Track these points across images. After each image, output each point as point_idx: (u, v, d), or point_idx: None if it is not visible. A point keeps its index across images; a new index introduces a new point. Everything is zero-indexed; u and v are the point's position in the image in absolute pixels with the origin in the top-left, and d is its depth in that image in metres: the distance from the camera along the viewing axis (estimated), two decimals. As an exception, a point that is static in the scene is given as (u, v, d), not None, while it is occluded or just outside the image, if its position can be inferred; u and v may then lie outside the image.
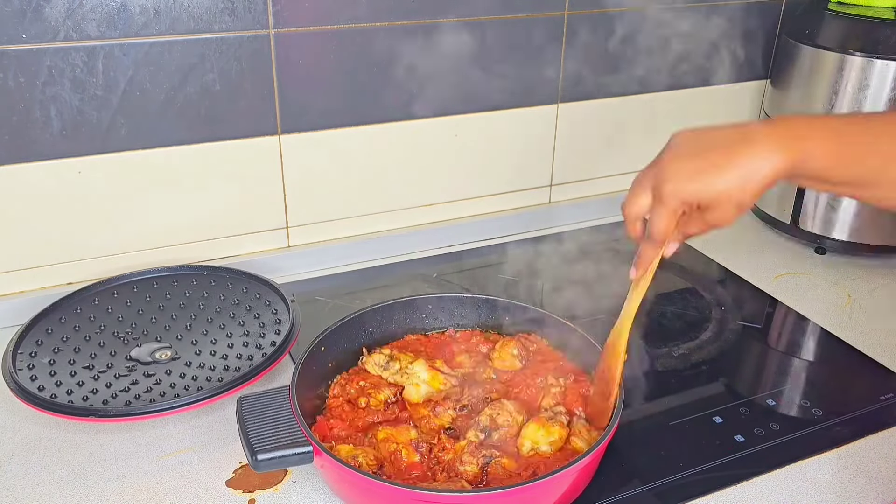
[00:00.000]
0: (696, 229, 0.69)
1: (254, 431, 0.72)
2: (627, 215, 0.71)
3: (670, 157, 0.68)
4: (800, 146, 0.63)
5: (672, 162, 0.67)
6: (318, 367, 0.86)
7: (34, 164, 0.99)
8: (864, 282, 1.18)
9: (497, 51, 1.18)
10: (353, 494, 0.73)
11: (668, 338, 1.03)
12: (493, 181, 1.30)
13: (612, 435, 0.73)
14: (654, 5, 1.26)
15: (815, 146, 0.63)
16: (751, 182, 0.63)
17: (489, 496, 0.68)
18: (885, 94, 1.14)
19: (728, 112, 1.45)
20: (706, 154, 0.65)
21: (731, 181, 0.63)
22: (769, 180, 0.64)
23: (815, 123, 0.65)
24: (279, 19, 1.04)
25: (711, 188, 0.64)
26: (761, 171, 0.63)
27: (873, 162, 0.64)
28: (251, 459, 0.70)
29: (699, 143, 0.67)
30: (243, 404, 0.75)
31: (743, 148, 0.64)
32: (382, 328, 0.94)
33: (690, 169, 0.65)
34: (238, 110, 1.06)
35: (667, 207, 0.67)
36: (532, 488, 0.67)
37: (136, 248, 1.09)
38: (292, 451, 0.70)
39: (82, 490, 0.77)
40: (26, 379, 0.85)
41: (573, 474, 0.70)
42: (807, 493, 0.78)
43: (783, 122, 0.66)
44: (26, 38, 0.92)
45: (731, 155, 0.64)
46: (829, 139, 0.64)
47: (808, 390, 0.94)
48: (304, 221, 1.18)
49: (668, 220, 0.68)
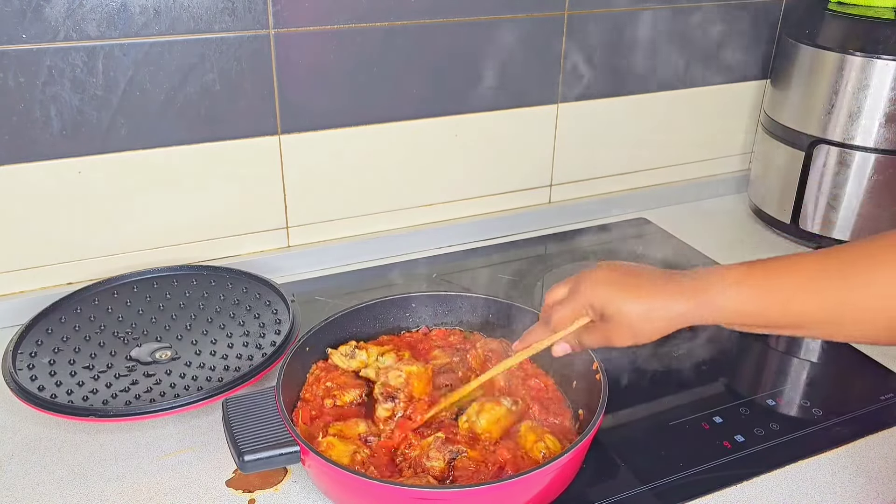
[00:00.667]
0: (592, 341, 0.73)
1: (240, 432, 0.72)
2: (546, 300, 0.77)
3: (600, 268, 0.73)
4: (710, 298, 0.66)
5: (599, 271, 0.73)
6: (304, 367, 0.86)
7: (34, 164, 0.99)
8: (864, 282, 1.18)
9: (497, 51, 1.18)
10: (341, 492, 0.73)
11: (668, 338, 1.03)
12: (493, 181, 1.30)
13: (596, 429, 0.72)
14: (654, 5, 1.27)
15: (729, 298, 0.65)
16: (652, 316, 0.68)
17: (475, 491, 0.68)
18: (885, 94, 1.14)
19: (728, 112, 1.45)
20: (629, 278, 0.70)
21: (637, 307, 0.68)
22: (671, 322, 0.68)
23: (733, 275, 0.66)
24: (279, 19, 1.04)
25: (618, 304, 0.69)
26: (664, 311, 0.67)
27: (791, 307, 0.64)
28: (238, 460, 0.70)
29: (628, 271, 0.72)
30: (229, 406, 0.75)
31: (659, 288, 0.68)
32: (367, 327, 0.94)
33: (608, 282, 0.71)
34: (238, 110, 1.06)
35: (574, 302, 0.72)
36: (511, 485, 0.68)
37: (136, 248, 1.09)
38: (279, 451, 0.71)
39: (82, 490, 0.77)
40: (26, 379, 0.85)
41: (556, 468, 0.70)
42: (807, 493, 0.78)
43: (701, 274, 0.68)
44: (26, 38, 0.92)
45: (646, 288, 0.69)
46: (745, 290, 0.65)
47: (808, 390, 0.94)
48: (304, 221, 1.18)
49: (570, 313, 0.73)
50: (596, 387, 0.79)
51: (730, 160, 1.50)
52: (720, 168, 1.50)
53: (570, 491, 0.75)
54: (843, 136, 1.19)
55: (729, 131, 1.48)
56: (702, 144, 1.46)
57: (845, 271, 0.62)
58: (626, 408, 0.89)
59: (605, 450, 0.82)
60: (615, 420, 0.87)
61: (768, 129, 1.33)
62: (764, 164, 1.35)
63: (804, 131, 1.24)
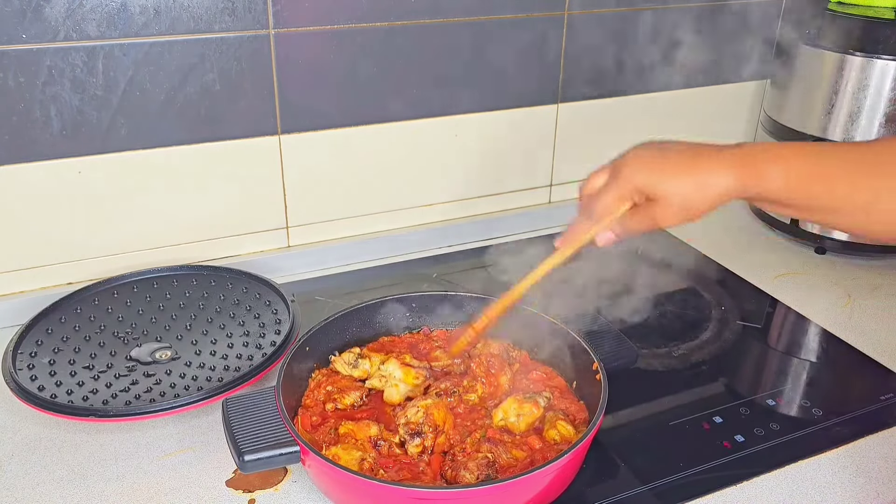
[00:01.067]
0: (638, 225, 0.71)
1: (240, 432, 0.72)
2: (582, 191, 0.76)
3: (635, 150, 0.72)
4: (755, 171, 0.66)
5: (636, 154, 0.71)
6: (303, 368, 0.86)
7: (34, 164, 0.99)
8: (864, 282, 1.18)
9: (497, 50, 1.18)
10: (340, 492, 0.73)
11: (668, 338, 1.03)
12: (493, 181, 1.30)
13: (596, 429, 0.72)
14: (654, 5, 1.27)
15: (772, 172, 0.66)
16: (701, 191, 0.67)
17: (475, 492, 0.68)
18: (885, 93, 1.14)
19: (728, 112, 1.45)
20: (669, 155, 0.69)
21: (684, 184, 0.67)
22: (720, 195, 0.67)
23: (774, 150, 0.67)
24: (279, 19, 1.04)
25: (664, 183, 0.68)
26: (713, 185, 0.67)
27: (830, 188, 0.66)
28: (238, 460, 0.70)
29: (666, 147, 0.71)
30: (229, 406, 0.75)
31: (702, 160, 0.68)
32: (367, 328, 0.93)
33: (651, 162, 0.70)
34: (238, 110, 1.06)
35: (618, 188, 0.71)
36: (511, 486, 0.68)
37: (136, 248, 1.09)
38: (279, 451, 0.70)
39: (82, 490, 0.77)
40: (26, 379, 0.85)
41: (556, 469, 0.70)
42: (807, 493, 0.78)
43: (744, 148, 0.68)
44: (26, 38, 0.92)
45: (691, 162, 0.68)
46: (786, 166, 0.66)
47: (808, 390, 0.94)
48: (304, 221, 1.18)
49: (614, 200, 0.71)
50: (596, 387, 0.79)
51: (730, 160, 1.50)
52: (720, 168, 1.50)
53: (571, 491, 0.75)
54: (843, 136, 1.19)
55: (729, 131, 1.48)
56: (702, 144, 1.46)
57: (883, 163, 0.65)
58: (626, 408, 0.89)
59: (605, 450, 0.82)
60: (615, 420, 0.87)
61: (768, 129, 1.33)
62: (764, 164, 1.35)
63: (804, 131, 1.24)
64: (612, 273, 0.98)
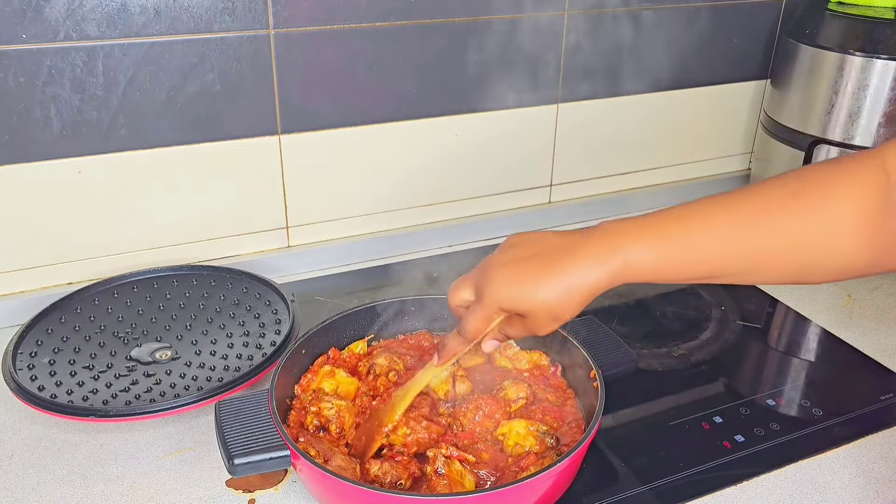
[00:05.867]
0: (516, 332, 0.69)
1: (231, 436, 0.71)
2: (451, 306, 0.72)
3: (496, 261, 0.67)
4: (619, 259, 0.63)
5: (496, 267, 0.67)
6: (298, 371, 0.85)
7: (34, 164, 0.99)
8: (864, 282, 1.18)
9: (497, 50, 1.18)
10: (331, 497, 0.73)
11: (668, 338, 1.03)
12: (493, 181, 1.30)
13: (591, 437, 0.71)
14: (654, 5, 1.27)
15: (638, 255, 0.63)
16: (566, 297, 0.63)
17: (468, 500, 0.67)
18: (885, 93, 1.14)
19: (728, 112, 1.45)
20: (529, 264, 0.65)
21: (547, 295, 0.63)
22: (585, 296, 0.63)
23: (637, 230, 0.64)
24: (279, 19, 1.04)
25: (527, 299, 0.64)
26: (577, 287, 0.63)
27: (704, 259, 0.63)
28: (227, 464, 0.69)
29: (524, 253, 0.66)
30: (221, 409, 0.74)
31: (561, 263, 0.64)
32: (363, 331, 0.93)
33: (512, 276, 0.65)
34: (238, 110, 1.06)
35: (483, 310, 0.67)
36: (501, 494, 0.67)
37: (136, 248, 1.09)
38: (269, 454, 0.70)
39: (82, 490, 0.77)
40: (26, 379, 0.85)
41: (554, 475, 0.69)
42: (806, 493, 0.78)
43: (604, 235, 0.64)
44: (26, 38, 0.92)
45: (549, 269, 0.64)
46: (653, 245, 0.63)
47: (808, 390, 0.94)
48: (304, 221, 1.18)
49: (481, 321, 0.68)
50: (593, 395, 0.78)
51: (730, 160, 1.50)
52: (720, 168, 1.50)
53: (570, 490, 0.75)
54: (843, 136, 1.19)
55: (729, 131, 1.48)
56: (702, 144, 1.46)
57: (756, 220, 0.61)
58: (625, 408, 0.89)
59: (605, 449, 0.82)
60: (615, 420, 0.87)
61: (768, 129, 1.33)
62: (764, 163, 1.35)
63: (804, 131, 1.24)
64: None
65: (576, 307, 0.64)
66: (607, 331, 0.90)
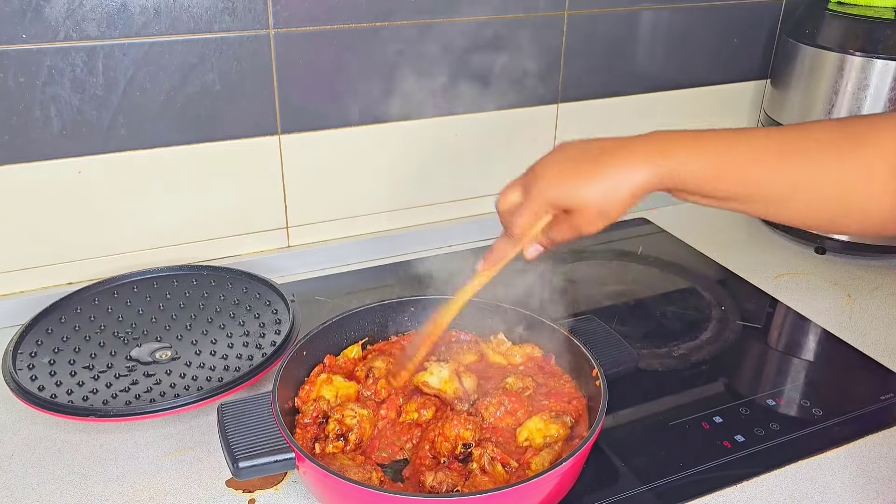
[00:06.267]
0: (562, 234, 0.70)
1: (235, 439, 0.71)
2: (498, 210, 0.74)
3: (545, 161, 0.70)
4: (668, 162, 0.64)
5: (545, 166, 0.69)
6: (300, 372, 0.85)
7: (34, 164, 0.99)
8: (864, 282, 1.18)
9: (497, 50, 1.18)
10: (334, 499, 0.73)
11: (668, 338, 1.03)
12: (493, 181, 1.29)
13: (595, 437, 0.72)
14: (654, 5, 1.27)
15: (685, 161, 0.64)
16: (615, 194, 0.65)
17: (470, 500, 0.66)
18: (884, 93, 1.14)
19: (728, 112, 1.45)
20: (578, 162, 0.67)
21: (596, 190, 0.65)
22: (634, 193, 0.65)
23: (688, 139, 0.66)
24: (279, 19, 1.04)
25: (576, 194, 0.66)
26: (625, 185, 0.65)
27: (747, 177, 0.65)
28: (232, 467, 0.69)
29: (575, 152, 0.69)
30: (224, 411, 0.74)
31: (612, 160, 0.66)
32: (365, 331, 0.93)
33: (560, 174, 0.67)
34: (238, 110, 1.06)
35: (531, 206, 0.69)
36: (506, 494, 0.67)
37: (136, 248, 1.09)
38: (274, 457, 0.69)
39: (82, 490, 0.77)
40: (26, 379, 0.85)
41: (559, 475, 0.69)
42: (807, 493, 0.78)
43: (656, 138, 0.67)
44: (26, 38, 0.92)
45: (599, 166, 0.66)
46: (701, 154, 0.65)
47: (808, 390, 0.94)
48: (304, 221, 1.18)
49: (530, 218, 0.70)
50: (596, 393, 0.78)
51: (730, 160, 1.50)
52: (720, 168, 1.50)
53: (570, 491, 0.75)
54: (843, 136, 1.19)
55: (729, 131, 1.48)
56: (702, 144, 1.46)
57: (799, 150, 0.64)
58: (626, 408, 0.89)
59: (606, 450, 0.82)
60: (615, 420, 0.87)
61: (768, 129, 1.33)
62: (764, 164, 1.35)
63: (804, 131, 1.24)
64: (612, 273, 0.98)
65: (623, 205, 0.66)
66: (608, 329, 0.90)
